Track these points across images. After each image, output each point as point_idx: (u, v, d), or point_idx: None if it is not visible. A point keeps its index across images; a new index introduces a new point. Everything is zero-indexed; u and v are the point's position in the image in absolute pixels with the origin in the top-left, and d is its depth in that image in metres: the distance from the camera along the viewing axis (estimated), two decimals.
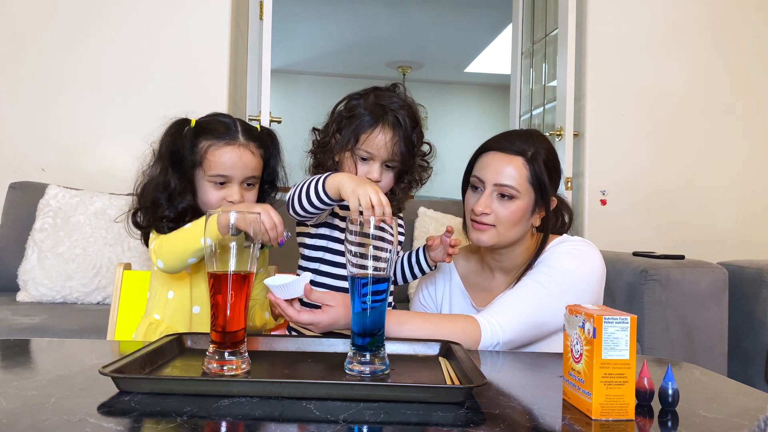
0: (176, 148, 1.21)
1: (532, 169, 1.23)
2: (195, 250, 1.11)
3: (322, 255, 1.27)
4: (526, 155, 1.24)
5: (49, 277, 2.05)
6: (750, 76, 2.96)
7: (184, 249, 1.13)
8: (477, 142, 1.34)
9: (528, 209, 1.25)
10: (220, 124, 1.23)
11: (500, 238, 1.25)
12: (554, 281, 1.19)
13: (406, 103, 1.23)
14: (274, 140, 1.30)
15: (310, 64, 6.69)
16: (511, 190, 1.22)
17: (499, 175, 1.23)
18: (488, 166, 1.25)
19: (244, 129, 1.24)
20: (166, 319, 1.24)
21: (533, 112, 3.45)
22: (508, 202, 1.23)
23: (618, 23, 2.88)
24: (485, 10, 5.03)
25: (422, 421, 0.66)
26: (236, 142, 1.21)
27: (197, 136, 1.22)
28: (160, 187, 1.21)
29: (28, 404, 0.67)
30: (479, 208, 1.23)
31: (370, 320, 0.83)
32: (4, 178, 2.35)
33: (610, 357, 0.70)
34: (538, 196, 1.25)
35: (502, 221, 1.23)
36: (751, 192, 2.95)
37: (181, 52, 2.61)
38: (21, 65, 2.53)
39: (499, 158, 1.25)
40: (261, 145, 1.25)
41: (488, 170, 1.24)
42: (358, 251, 0.83)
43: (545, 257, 1.25)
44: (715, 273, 1.99)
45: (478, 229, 1.26)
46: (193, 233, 1.12)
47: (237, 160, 1.20)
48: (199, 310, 1.25)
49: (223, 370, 0.79)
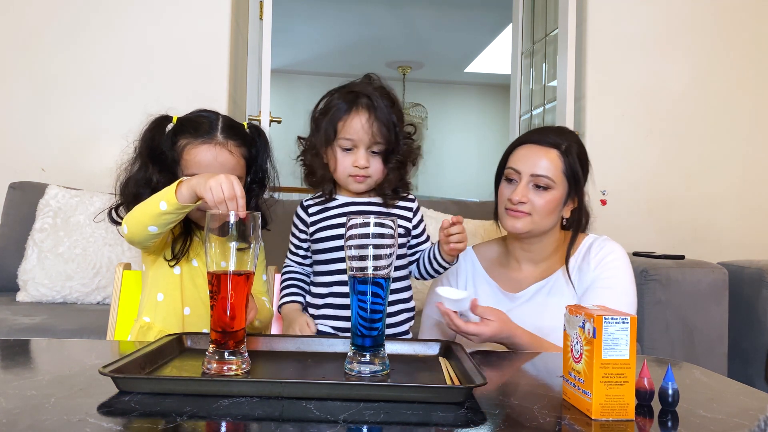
0: (155, 145, 1.19)
1: (566, 161, 1.30)
2: (154, 214, 1.05)
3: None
4: (560, 148, 1.30)
5: (49, 277, 2.05)
6: (750, 76, 2.96)
7: (143, 212, 1.08)
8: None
9: (561, 200, 1.32)
10: (200, 121, 1.21)
11: (534, 226, 1.31)
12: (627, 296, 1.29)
13: (379, 86, 1.24)
14: (261, 138, 1.27)
15: (310, 64, 6.69)
16: (547, 180, 1.29)
17: (535, 166, 1.29)
18: (525, 157, 1.31)
19: (225, 126, 1.21)
20: (157, 322, 1.23)
21: (533, 112, 3.45)
22: (544, 192, 1.29)
23: (618, 23, 2.88)
24: (485, 10, 5.03)
25: (422, 421, 0.66)
26: (213, 140, 1.18)
27: (176, 134, 1.20)
28: (142, 183, 1.19)
29: (28, 404, 0.67)
30: (516, 197, 1.29)
31: (369, 320, 0.83)
32: (4, 178, 2.35)
33: (610, 357, 0.70)
34: (571, 188, 1.32)
35: (538, 210, 1.30)
36: (751, 192, 2.95)
37: (181, 52, 2.61)
38: (21, 65, 2.53)
39: (535, 150, 1.31)
40: (244, 144, 1.23)
41: (525, 162, 1.31)
42: (357, 252, 0.83)
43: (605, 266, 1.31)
44: (715, 273, 1.99)
45: (514, 216, 1.31)
46: (154, 198, 1.08)
47: (212, 159, 1.17)
48: (190, 311, 1.24)
49: (223, 370, 0.79)
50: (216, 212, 0.84)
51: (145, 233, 1.09)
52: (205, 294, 1.24)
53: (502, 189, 1.37)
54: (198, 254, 1.26)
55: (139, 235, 1.10)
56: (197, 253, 1.26)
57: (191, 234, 1.26)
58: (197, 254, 1.26)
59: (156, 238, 1.12)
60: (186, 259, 1.25)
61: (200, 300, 1.25)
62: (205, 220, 0.83)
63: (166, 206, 1.04)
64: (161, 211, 1.05)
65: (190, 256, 1.25)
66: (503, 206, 1.35)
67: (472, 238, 2.32)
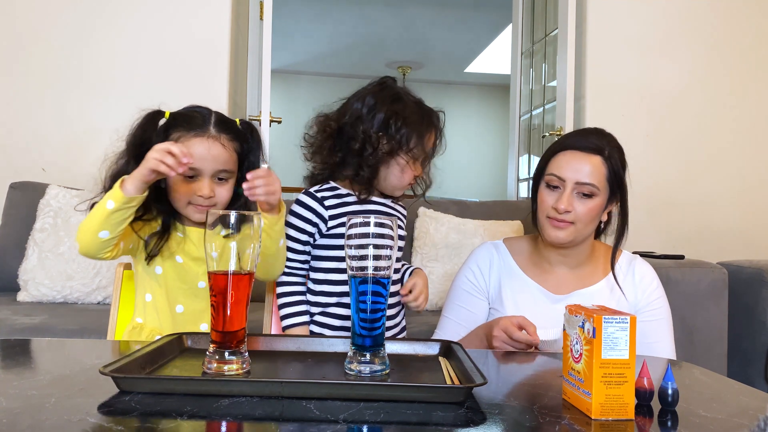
0: (145, 139, 1.18)
1: (610, 166, 1.27)
2: (102, 217, 1.06)
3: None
4: (604, 153, 1.27)
5: (49, 277, 2.05)
6: (750, 76, 2.96)
7: (91, 219, 1.07)
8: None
9: (603, 206, 1.29)
10: (193, 115, 1.21)
11: (577, 235, 1.28)
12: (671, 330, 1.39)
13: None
14: (254, 134, 1.27)
15: (310, 64, 6.70)
16: (592, 188, 1.25)
17: (579, 174, 1.25)
18: (568, 164, 1.27)
19: (217, 121, 1.21)
20: (148, 323, 1.23)
21: (533, 112, 3.45)
22: (587, 199, 1.26)
23: (618, 23, 2.88)
24: (485, 10, 5.03)
25: (422, 421, 0.66)
26: (205, 133, 1.18)
27: (168, 129, 1.20)
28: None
29: (28, 404, 0.67)
30: (562, 206, 1.25)
31: (370, 320, 0.83)
32: (4, 178, 2.35)
33: (610, 357, 0.70)
34: (612, 193, 1.29)
35: (581, 218, 1.26)
36: (751, 192, 2.95)
37: (182, 52, 2.61)
38: (21, 65, 2.53)
39: (579, 157, 1.27)
40: (236, 139, 1.22)
41: (569, 169, 1.26)
42: (357, 252, 0.83)
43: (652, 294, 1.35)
44: (715, 273, 1.99)
45: (557, 227, 1.27)
46: (100, 203, 1.08)
47: (205, 152, 1.17)
48: (183, 308, 1.23)
49: (223, 370, 0.79)
50: (216, 211, 0.84)
51: (96, 241, 1.08)
52: (198, 289, 1.24)
53: (543, 195, 1.31)
54: (182, 250, 1.23)
55: (91, 244, 1.09)
56: (181, 250, 1.23)
57: (168, 231, 1.23)
58: (181, 251, 1.23)
59: (109, 245, 1.10)
60: (167, 257, 1.22)
61: (193, 295, 1.24)
62: (205, 219, 0.83)
63: (113, 204, 1.05)
64: (109, 210, 1.05)
65: (172, 254, 1.23)
66: (545, 214, 1.29)
67: (471, 237, 2.33)
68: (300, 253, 1.30)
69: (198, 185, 1.18)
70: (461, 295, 1.40)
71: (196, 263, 1.23)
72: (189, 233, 1.24)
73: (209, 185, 1.18)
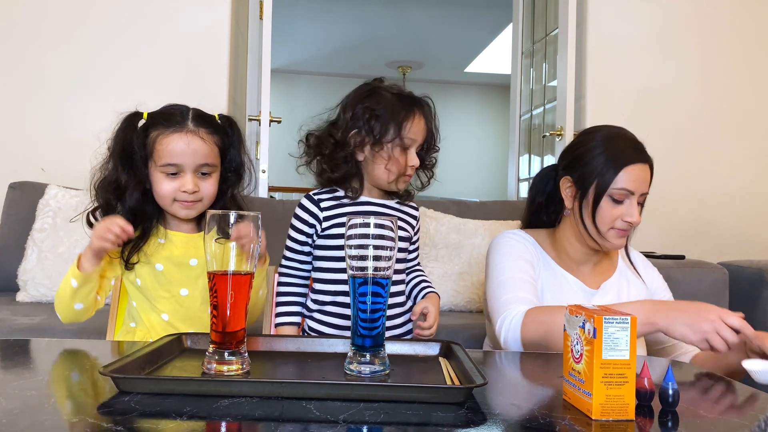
0: (127, 143, 1.19)
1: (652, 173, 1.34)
2: (70, 294, 1.13)
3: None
4: (651, 163, 1.33)
5: (48, 277, 2.05)
6: (750, 76, 2.96)
7: (62, 296, 1.15)
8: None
9: None
10: (171, 113, 1.21)
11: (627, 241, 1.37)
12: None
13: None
14: (233, 128, 1.27)
15: (310, 64, 6.70)
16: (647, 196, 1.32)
17: (644, 185, 1.31)
18: (639, 178, 1.30)
19: (195, 116, 1.21)
20: (139, 327, 1.24)
21: (533, 112, 3.45)
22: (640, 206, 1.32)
23: (618, 23, 2.88)
24: (485, 10, 5.03)
25: (422, 421, 0.66)
26: (184, 128, 1.18)
27: (147, 129, 1.20)
28: (112, 187, 1.19)
29: (28, 404, 0.67)
30: (635, 218, 1.29)
31: (369, 320, 0.83)
32: (4, 178, 2.35)
33: (611, 357, 0.70)
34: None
35: (635, 225, 1.32)
36: (751, 192, 2.95)
37: (182, 52, 2.61)
38: (21, 65, 2.53)
39: (645, 170, 1.31)
40: (215, 132, 1.22)
41: (638, 182, 1.30)
42: (357, 252, 0.83)
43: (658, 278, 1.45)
44: (716, 273, 1.99)
45: (623, 236, 1.33)
46: (65, 280, 1.14)
47: (185, 146, 1.16)
48: (168, 317, 1.22)
49: (223, 371, 0.79)
50: (216, 212, 0.84)
51: (74, 311, 1.16)
52: (181, 297, 1.22)
53: (608, 210, 1.28)
54: (163, 257, 1.21)
55: (71, 315, 1.17)
56: (161, 256, 1.21)
57: (146, 237, 1.21)
58: (161, 257, 1.21)
59: (88, 311, 1.18)
60: (145, 264, 1.21)
61: (177, 303, 1.21)
62: (205, 220, 0.83)
63: (76, 283, 1.12)
64: (74, 288, 1.12)
65: (151, 262, 1.21)
66: (608, 226, 1.29)
67: (472, 237, 2.32)
68: (298, 253, 1.33)
69: (181, 181, 1.17)
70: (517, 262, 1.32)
71: (180, 269, 1.22)
72: (172, 237, 1.23)
73: (193, 180, 1.18)
